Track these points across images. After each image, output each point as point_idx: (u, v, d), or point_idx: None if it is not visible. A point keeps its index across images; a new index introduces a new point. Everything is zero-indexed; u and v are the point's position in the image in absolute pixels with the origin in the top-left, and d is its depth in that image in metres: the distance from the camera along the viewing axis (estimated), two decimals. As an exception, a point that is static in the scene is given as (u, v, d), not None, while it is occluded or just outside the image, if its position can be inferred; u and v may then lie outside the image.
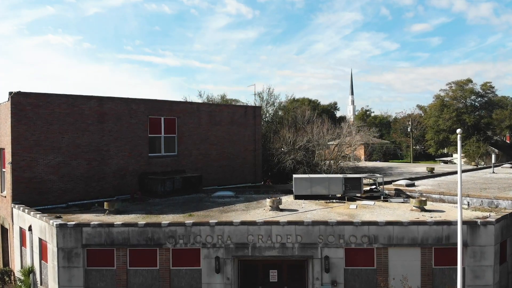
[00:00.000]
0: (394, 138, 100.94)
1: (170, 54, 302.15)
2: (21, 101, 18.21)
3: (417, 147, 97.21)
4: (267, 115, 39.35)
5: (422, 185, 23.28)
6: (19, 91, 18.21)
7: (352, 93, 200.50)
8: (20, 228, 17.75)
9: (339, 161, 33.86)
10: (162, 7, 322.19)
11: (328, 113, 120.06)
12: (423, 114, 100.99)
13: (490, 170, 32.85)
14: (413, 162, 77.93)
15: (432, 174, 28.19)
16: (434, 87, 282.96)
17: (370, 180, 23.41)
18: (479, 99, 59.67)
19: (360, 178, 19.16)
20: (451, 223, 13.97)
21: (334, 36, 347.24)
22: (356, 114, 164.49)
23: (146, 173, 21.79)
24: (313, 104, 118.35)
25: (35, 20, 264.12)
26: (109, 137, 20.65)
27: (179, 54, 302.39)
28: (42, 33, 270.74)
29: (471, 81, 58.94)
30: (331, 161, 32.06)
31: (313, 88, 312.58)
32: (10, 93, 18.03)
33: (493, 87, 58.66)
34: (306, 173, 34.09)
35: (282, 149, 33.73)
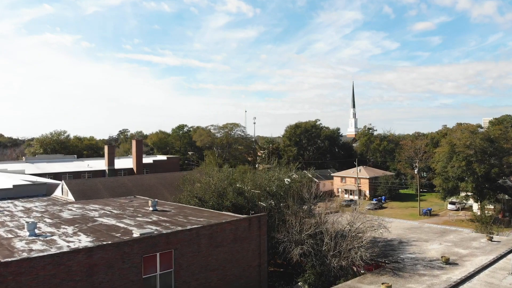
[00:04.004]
0: (398, 168, 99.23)
1: (170, 53, 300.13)
2: (1, 272, 16.34)
3: (423, 175, 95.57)
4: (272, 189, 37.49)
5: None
6: (-2, 263, 16.34)
7: (353, 106, 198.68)
8: None
9: (351, 249, 31.91)
10: (161, 5, 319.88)
11: (330, 139, 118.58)
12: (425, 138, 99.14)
13: (509, 261, 30.80)
14: (420, 195, 76.29)
15: (452, 286, 26.17)
16: (436, 86, 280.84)
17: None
18: (489, 144, 57.66)
19: None
20: None
21: (334, 35, 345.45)
22: (359, 130, 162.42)
23: (141, 321, 19.91)
24: (316, 131, 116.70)
25: (33, 19, 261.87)
26: (99, 290, 18.76)
27: (178, 53, 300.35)
28: (40, 32, 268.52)
29: (481, 127, 57.05)
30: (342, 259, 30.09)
31: (313, 88, 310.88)
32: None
33: (503, 134, 56.70)
34: (315, 266, 32.07)
35: (288, 237, 31.82)
